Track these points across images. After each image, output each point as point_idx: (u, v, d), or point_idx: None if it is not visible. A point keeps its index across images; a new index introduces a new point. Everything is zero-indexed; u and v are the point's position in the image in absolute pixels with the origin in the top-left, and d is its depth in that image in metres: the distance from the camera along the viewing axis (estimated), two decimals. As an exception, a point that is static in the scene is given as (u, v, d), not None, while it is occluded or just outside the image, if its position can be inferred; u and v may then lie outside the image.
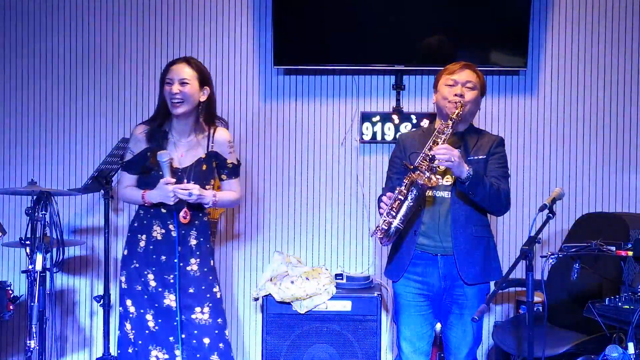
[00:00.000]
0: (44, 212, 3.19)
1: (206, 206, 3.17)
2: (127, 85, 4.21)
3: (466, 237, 2.96)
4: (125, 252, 3.19)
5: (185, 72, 3.10)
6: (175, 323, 3.09)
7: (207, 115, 3.21)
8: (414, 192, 2.86)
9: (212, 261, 3.21)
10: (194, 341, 3.10)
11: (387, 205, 2.90)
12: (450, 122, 2.93)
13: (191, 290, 3.11)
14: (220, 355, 3.13)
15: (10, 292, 3.57)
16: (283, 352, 3.71)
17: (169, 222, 3.12)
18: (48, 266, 3.24)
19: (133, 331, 3.12)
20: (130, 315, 3.12)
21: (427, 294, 3.03)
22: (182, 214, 3.09)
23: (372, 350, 3.70)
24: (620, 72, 4.12)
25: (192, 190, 3.05)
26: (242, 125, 4.21)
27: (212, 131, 3.23)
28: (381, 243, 2.96)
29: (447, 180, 2.97)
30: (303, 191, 4.21)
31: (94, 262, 4.23)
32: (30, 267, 3.19)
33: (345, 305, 3.72)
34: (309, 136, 4.21)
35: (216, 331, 3.13)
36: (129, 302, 3.12)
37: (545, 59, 4.13)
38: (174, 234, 3.11)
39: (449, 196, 2.98)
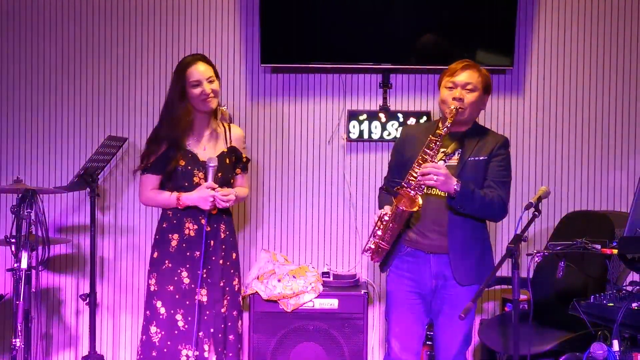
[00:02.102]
0: (29, 210, 3.18)
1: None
2: (113, 83, 4.18)
3: (463, 237, 2.96)
4: (155, 255, 3.19)
5: (208, 70, 3.16)
6: (205, 317, 3.14)
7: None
8: (398, 216, 2.88)
9: (234, 254, 3.28)
10: (220, 335, 3.17)
11: (375, 224, 2.95)
12: (437, 137, 2.89)
13: (221, 284, 3.18)
14: (227, 348, 3.19)
15: (-5, 290, 3.56)
16: (270, 350, 3.70)
17: (200, 217, 3.15)
18: (33, 264, 3.23)
19: (161, 334, 3.13)
20: (161, 317, 3.13)
21: (418, 292, 3.03)
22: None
23: (359, 348, 3.70)
24: (607, 70, 4.14)
25: (232, 198, 3.12)
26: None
27: (226, 126, 3.31)
28: (372, 260, 3.03)
29: None
30: (290, 189, 4.21)
31: (79, 260, 4.21)
32: (15, 265, 3.18)
33: (332, 304, 3.72)
34: (296, 134, 4.20)
35: (229, 323, 3.21)
36: (158, 304, 3.14)
37: (531, 57, 4.15)
38: (207, 228, 3.14)
39: (446, 196, 2.96)
